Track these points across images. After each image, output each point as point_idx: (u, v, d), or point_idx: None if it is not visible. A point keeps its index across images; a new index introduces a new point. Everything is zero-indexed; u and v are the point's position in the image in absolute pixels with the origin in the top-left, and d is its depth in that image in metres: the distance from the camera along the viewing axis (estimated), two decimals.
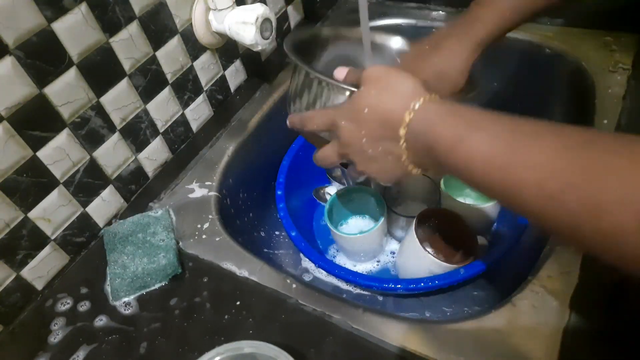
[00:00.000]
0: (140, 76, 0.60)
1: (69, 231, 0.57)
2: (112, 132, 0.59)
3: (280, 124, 0.77)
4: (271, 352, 0.40)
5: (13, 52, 0.46)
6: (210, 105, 0.74)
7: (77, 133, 0.55)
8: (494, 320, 0.45)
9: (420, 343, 0.45)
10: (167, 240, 0.56)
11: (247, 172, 0.71)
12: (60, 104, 0.52)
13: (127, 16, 0.56)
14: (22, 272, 0.53)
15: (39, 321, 0.52)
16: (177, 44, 0.64)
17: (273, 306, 0.50)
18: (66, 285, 0.55)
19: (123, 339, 0.49)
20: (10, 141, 0.48)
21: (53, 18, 0.48)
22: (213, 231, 0.59)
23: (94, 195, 0.59)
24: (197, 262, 0.55)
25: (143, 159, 0.65)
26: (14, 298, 0.53)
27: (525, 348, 0.43)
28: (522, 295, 0.46)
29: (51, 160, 0.53)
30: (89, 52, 0.53)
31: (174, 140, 0.69)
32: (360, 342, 0.46)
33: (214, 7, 0.63)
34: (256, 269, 0.54)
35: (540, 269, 0.48)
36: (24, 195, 0.51)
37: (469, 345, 0.44)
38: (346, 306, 0.49)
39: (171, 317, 0.51)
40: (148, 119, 0.63)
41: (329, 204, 0.65)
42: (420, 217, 0.58)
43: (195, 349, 0.47)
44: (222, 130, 0.72)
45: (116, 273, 0.53)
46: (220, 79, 0.74)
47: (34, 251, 0.54)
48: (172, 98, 0.66)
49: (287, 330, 0.48)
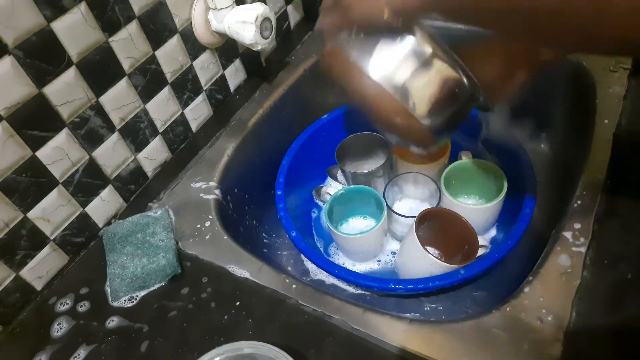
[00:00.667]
0: (139, 76, 0.60)
1: (68, 231, 0.57)
2: (112, 131, 0.59)
3: (280, 124, 0.77)
4: (271, 353, 0.40)
5: (12, 52, 0.46)
6: (209, 105, 0.74)
7: (76, 133, 0.54)
8: (494, 320, 0.45)
9: (420, 343, 0.44)
10: (166, 240, 0.56)
11: (247, 172, 0.71)
12: (60, 103, 0.52)
13: (126, 15, 0.56)
14: (22, 272, 0.53)
15: (39, 321, 0.52)
16: (176, 44, 0.64)
17: (273, 306, 0.50)
18: (65, 286, 0.55)
19: (123, 339, 0.49)
20: (10, 141, 0.48)
21: (52, 17, 0.48)
22: (213, 231, 0.59)
23: (93, 195, 0.59)
24: (196, 263, 0.55)
25: (142, 159, 0.65)
26: (13, 298, 0.53)
27: (526, 348, 0.42)
28: (523, 295, 0.46)
29: (50, 160, 0.52)
30: (88, 51, 0.53)
31: (174, 140, 0.69)
32: (360, 342, 0.46)
33: (214, 7, 0.63)
34: (256, 269, 0.54)
35: (540, 268, 0.48)
36: (23, 195, 0.51)
37: (469, 345, 0.44)
38: (346, 306, 0.49)
39: (171, 317, 0.50)
40: (147, 118, 0.63)
41: (328, 203, 0.65)
42: (420, 217, 0.58)
43: (195, 349, 0.47)
44: (221, 130, 0.72)
45: (115, 273, 0.53)
46: (219, 78, 0.74)
47: (33, 251, 0.54)
48: (172, 98, 0.66)
49: (287, 331, 0.48)
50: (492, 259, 0.54)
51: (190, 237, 0.58)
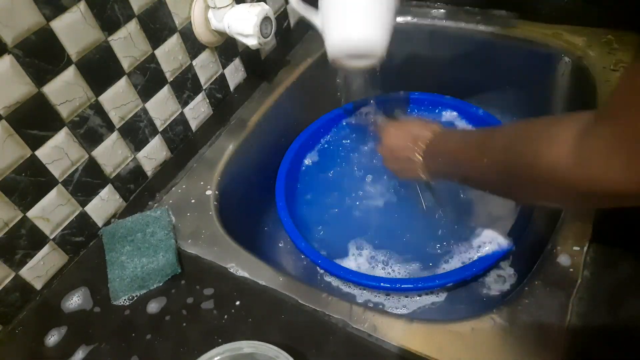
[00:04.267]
0: (139, 75, 0.60)
1: (67, 230, 0.57)
2: (111, 131, 0.59)
3: (280, 122, 0.77)
4: (271, 352, 0.40)
5: (12, 51, 0.46)
6: (209, 104, 0.74)
7: (75, 132, 0.54)
8: (494, 320, 0.45)
9: (420, 343, 0.44)
10: (166, 240, 0.56)
11: (247, 171, 0.71)
12: (59, 102, 0.51)
13: (125, 14, 0.56)
14: (21, 272, 0.53)
15: (38, 321, 0.52)
16: (176, 43, 0.64)
17: (273, 306, 0.50)
18: (65, 285, 0.55)
19: (122, 339, 0.49)
20: (9, 140, 0.48)
21: (52, 16, 0.48)
22: (212, 231, 0.58)
23: (93, 195, 0.59)
24: (196, 262, 0.55)
25: (142, 158, 0.65)
26: (13, 298, 0.53)
27: (526, 348, 0.42)
28: (523, 295, 0.46)
29: (50, 159, 0.52)
30: (87, 50, 0.53)
31: (173, 139, 0.69)
32: (360, 342, 0.46)
33: (213, 5, 0.63)
34: (256, 269, 0.53)
35: (541, 268, 0.48)
36: (23, 195, 0.51)
37: (469, 345, 0.44)
38: (346, 306, 0.49)
39: (170, 317, 0.50)
40: (147, 117, 0.63)
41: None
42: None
43: (194, 349, 0.47)
44: (221, 129, 0.72)
45: (115, 273, 0.53)
46: (219, 77, 0.74)
47: (32, 251, 0.54)
48: (171, 97, 0.66)
49: (287, 330, 0.48)
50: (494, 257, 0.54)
51: (190, 237, 0.58)
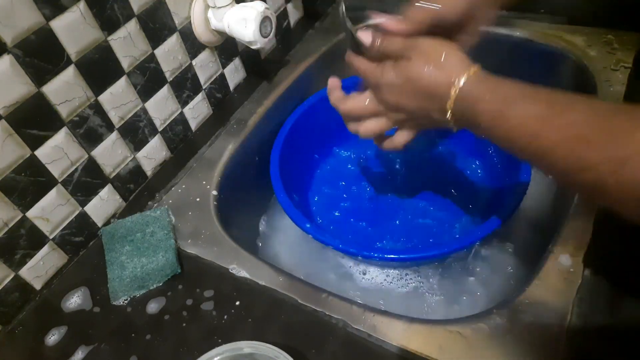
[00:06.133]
0: (138, 74, 0.60)
1: (67, 230, 0.57)
2: (111, 130, 0.59)
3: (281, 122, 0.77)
4: (270, 353, 0.40)
5: (11, 51, 0.46)
6: (209, 104, 0.74)
7: (75, 132, 0.54)
8: (494, 320, 0.45)
9: (420, 343, 0.44)
10: (166, 240, 0.56)
11: (247, 171, 0.71)
12: (59, 102, 0.51)
13: (125, 14, 0.56)
14: (21, 272, 0.53)
15: (38, 321, 0.52)
16: (175, 42, 0.63)
17: (273, 306, 0.50)
18: (65, 285, 0.55)
19: (122, 339, 0.49)
20: (8, 140, 0.48)
21: (51, 16, 0.48)
22: (212, 231, 0.58)
23: (93, 195, 0.59)
24: (196, 262, 0.55)
25: (142, 158, 0.64)
26: (13, 298, 0.53)
27: (526, 348, 0.42)
28: (524, 295, 0.46)
29: (49, 159, 0.52)
30: (87, 50, 0.53)
31: (173, 139, 0.69)
32: (360, 342, 0.46)
33: (213, 5, 0.63)
34: (256, 269, 0.53)
35: (541, 268, 0.48)
36: (22, 194, 0.51)
37: (469, 345, 0.44)
38: (346, 306, 0.49)
39: (170, 317, 0.50)
40: (147, 117, 0.63)
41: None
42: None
43: (194, 349, 0.47)
44: (221, 129, 0.72)
45: (115, 273, 0.53)
46: (219, 77, 0.74)
47: (32, 250, 0.54)
48: (171, 96, 0.66)
49: (287, 330, 0.47)
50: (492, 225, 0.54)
51: (190, 237, 0.58)
